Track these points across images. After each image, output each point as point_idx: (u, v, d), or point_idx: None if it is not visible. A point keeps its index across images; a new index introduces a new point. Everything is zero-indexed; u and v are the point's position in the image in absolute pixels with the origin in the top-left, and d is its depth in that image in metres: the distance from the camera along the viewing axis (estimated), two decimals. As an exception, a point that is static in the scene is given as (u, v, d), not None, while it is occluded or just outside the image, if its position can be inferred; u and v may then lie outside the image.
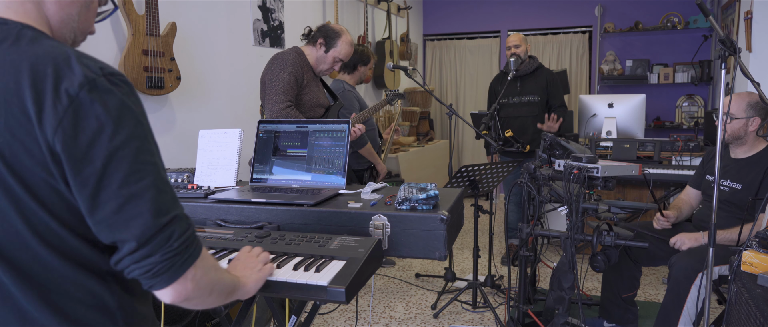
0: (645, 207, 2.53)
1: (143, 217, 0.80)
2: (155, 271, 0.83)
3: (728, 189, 2.48)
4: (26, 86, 0.75)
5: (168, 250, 0.82)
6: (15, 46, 0.79)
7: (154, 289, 0.86)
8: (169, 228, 0.83)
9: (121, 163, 0.78)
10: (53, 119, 0.75)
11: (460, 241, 4.53)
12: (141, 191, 0.80)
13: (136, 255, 0.81)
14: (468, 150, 6.93)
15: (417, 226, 1.51)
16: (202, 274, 0.89)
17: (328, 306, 3.06)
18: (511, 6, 6.54)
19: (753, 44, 3.72)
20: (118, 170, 0.78)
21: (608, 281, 2.73)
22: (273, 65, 2.61)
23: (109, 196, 0.78)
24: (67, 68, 0.77)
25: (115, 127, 0.78)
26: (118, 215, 0.79)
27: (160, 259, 0.82)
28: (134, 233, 0.80)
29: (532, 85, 3.89)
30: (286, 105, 2.51)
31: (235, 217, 1.68)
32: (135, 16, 2.58)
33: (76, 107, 0.76)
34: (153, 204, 0.81)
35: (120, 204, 0.79)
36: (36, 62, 0.77)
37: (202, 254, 0.90)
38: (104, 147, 0.77)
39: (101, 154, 0.77)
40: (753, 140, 2.48)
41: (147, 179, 0.81)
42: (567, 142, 2.24)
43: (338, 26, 2.77)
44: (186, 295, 0.87)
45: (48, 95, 0.75)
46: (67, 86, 0.76)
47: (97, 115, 0.77)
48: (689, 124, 5.79)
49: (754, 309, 1.53)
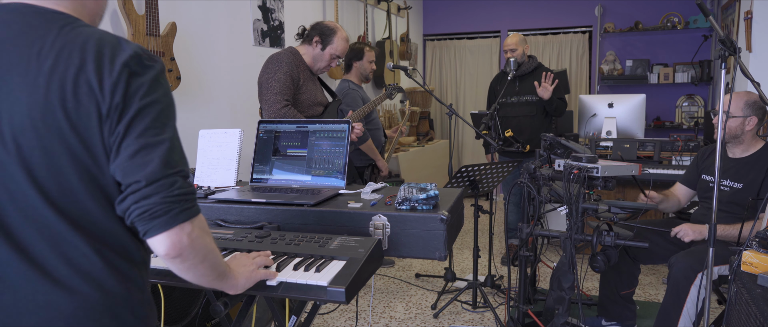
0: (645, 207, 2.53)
1: (153, 164, 0.89)
2: (153, 212, 0.89)
3: (729, 189, 2.48)
4: (90, 59, 0.89)
5: (168, 194, 0.90)
6: (76, 30, 0.92)
7: (149, 236, 0.91)
8: (173, 177, 0.91)
9: (145, 117, 0.90)
10: (110, 83, 0.89)
11: (460, 241, 4.53)
12: (156, 143, 0.91)
13: (137, 195, 0.89)
14: (468, 150, 6.93)
15: (417, 226, 1.51)
16: (198, 233, 0.95)
17: (328, 306, 3.06)
18: (511, 6, 6.54)
19: (753, 44, 3.72)
20: (141, 122, 0.90)
21: (607, 279, 2.73)
22: (268, 67, 2.62)
23: (129, 144, 0.89)
24: (118, 46, 0.92)
25: (148, 89, 0.92)
26: (131, 160, 0.89)
27: (159, 201, 0.89)
28: (142, 174, 0.89)
29: (531, 85, 3.87)
30: (283, 105, 2.52)
31: (235, 217, 1.68)
32: (135, 16, 2.58)
33: (125, 73, 0.90)
34: (164, 155, 0.91)
35: (135, 150, 0.89)
36: (96, 41, 0.91)
37: (200, 218, 0.96)
38: (137, 102, 0.90)
39: (134, 108, 0.90)
40: (750, 140, 2.47)
41: (164, 135, 0.92)
42: (567, 142, 2.24)
43: (332, 23, 2.77)
44: (180, 248, 0.92)
45: (106, 65, 0.89)
46: (121, 58, 0.91)
47: (138, 79, 0.91)
48: (689, 124, 5.79)
49: (754, 309, 1.53)
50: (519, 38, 3.90)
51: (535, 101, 3.87)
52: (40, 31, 0.91)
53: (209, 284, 1.05)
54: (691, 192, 2.73)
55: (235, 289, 1.15)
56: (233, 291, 1.15)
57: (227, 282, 1.10)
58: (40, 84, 0.88)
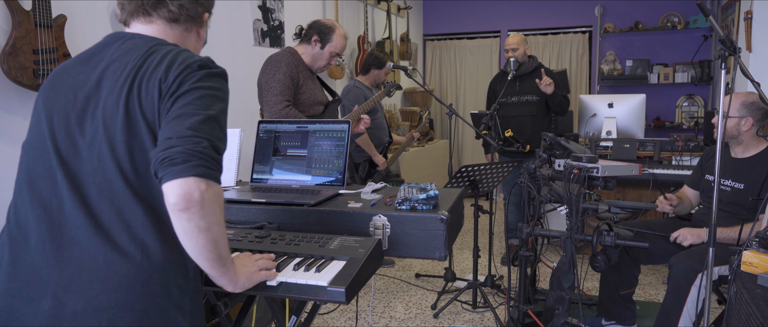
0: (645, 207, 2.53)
1: (186, 124, 1.01)
2: (172, 159, 0.97)
3: (730, 189, 2.48)
4: (165, 63, 1.08)
5: (191, 147, 0.98)
6: (163, 47, 1.14)
7: (164, 181, 0.98)
8: (201, 138, 1.01)
9: (192, 94, 1.05)
10: (173, 74, 1.07)
11: (460, 241, 4.53)
12: (195, 112, 1.03)
13: (164, 143, 0.99)
14: (468, 150, 6.93)
15: (417, 226, 1.51)
16: (210, 196, 1.00)
17: (328, 306, 3.06)
18: (511, 6, 6.54)
19: (753, 44, 3.72)
20: (188, 97, 1.05)
21: (607, 279, 2.73)
22: (267, 68, 2.62)
23: (174, 111, 1.04)
24: (190, 56, 1.11)
25: (201, 78, 1.08)
26: (170, 122, 1.02)
27: (181, 151, 0.98)
28: (174, 132, 1.00)
29: (531, 85, 3.87)
30: (284, 105, 2.51)
31: (235, 217, 1.68)
32: (135, 16, 2.58)
33: (186, 68, 1.08)
34: (199, 121, 1.02)
35: (177, 115, 1.03)
36: (176, 53, 1.12)
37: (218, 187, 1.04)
38: (189, 84, 1.06)
39: (184, 87, 1.06)
40: (751, 140, 2.47)
41: (205, 111, 1.04)
42: (567, 142, 2.24)
43: (330, 21, 2.77)
44: (190, 201, 0.97)
45: (175, 66, 1.08)
46: (188, 61, 1.09)
47: (196, 73, 1.08)
48: (689, 124, 5.79)
49: (754, 309, 1.53)
50: (520, 38, 3.90)
51: (536, 101, 3.87)
52: (139, 50, 1.13)
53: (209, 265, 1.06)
54: (694, 194, 2.74)
55: (233, 287, 1.15)
56: (232, 288, 1.15)
57: (227, 274, 1.11)
58: (126, 79, 1.08)
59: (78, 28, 2.44)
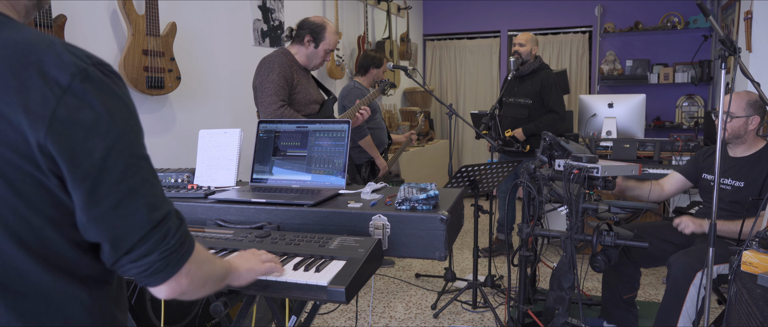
0: (645, 207, 2.53)
1: (139, 214, 0.78)
2: (153, 269, 0.82)
3: (730, 188, 2.48)
4: (8, 76, 0.70)
5: (165, 247, 0.82)
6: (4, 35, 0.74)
7: (149, 286, 0.85)
8: (164, 225, 0.82)
9: (120, 156, 0.76)
10: (44, 110, 0.71)
11: (460, 241, 4.53)
12: (137, 186, 0.78)
13: (132, 254, 0.80)
14: (468, 150, 6.93)
15: (417, 226, 1.51)
16: (196, 268, 0.88)
17: (328, 306, 3.06)
18: (511, 6, 6.54)
19: (753, 44, 3.72)
20: (116, 164, 0.76)
21: (608, 283, 2.73)
22: (261, 70, 2.63)
23: (108, 192, 0.76)
24: (54, 56, 0.73)
25: (110, 119, 0.75)
26: (115, 211, 0.77)
27: (158, 258, 0.81)
28: (131, 230, 0.78)
29: (526, 88, 3.88)
30: (279, 105, 2.52)
31: (235, 217, 1.68)
32: (135, 16, 2.58)
33: (69, 98, 0.72)
34: (148, 200, 0.80)
35: (118, 199, 0.77)
36: (16, 50, 0.72)
37: (196, 248, 0.89)
38: (101, 139, 0.74)
39: (99, 147, 0.74)
40: (752, 139, 2.48)
41: (142, 173, 0.80)
42: (567, 143, 2.24)
43: (319, 18, 2.79)
44: (181, 290, 0.87)
45: (35, 85, 0.71)
46: (56, 75, 0.72)
47: (92, 106, 0.74)
48: (689, 124, 5.79)
49: (754, 309, 1.53)
50: (529, 36, 3.87)
51: (530, 104, 3.88)
52: None
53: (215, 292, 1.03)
54: (682, 184, 2.68)
55: (239, 281, 1.14)
56: (237, 282, 1.14)
57: (230, 278, 1.09)
58: None
59: (78, 28, 2.44)
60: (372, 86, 3.80)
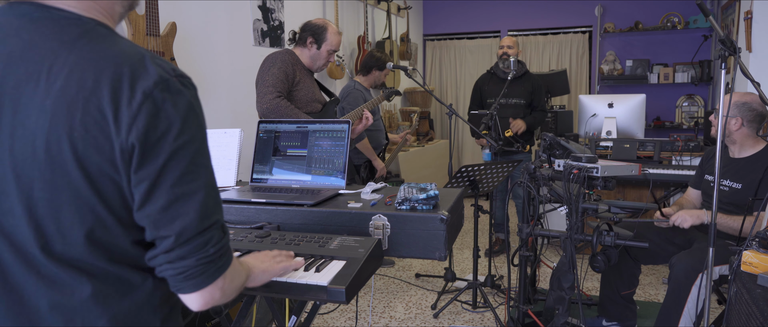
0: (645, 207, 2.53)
1: (189, 217, 0.82)
2: (188, 274, 0.84)
3: (728, 189, 2.48)
4: (105, 85, 0.77)
5: (203, 255, 0.84)
6: (91, 44, 0.80)
7: (182, 292, 0.87)
8: (208, 232, 0.85)
9: (181, 161, 0.81)
10: (128, 116, 0.77)
11: (460, 241, 4.53)
12: (192, 192, 0.82)
13: (171, 254, 0.83)
14: (468, 150, 6.93)
15: (417, 226, 1.51)
16: (229, 282, 0.91)
17: (328, 306, 3.06)
18: (511, 6, 6.54)
19: (753, 44, 3.72)
20: (176, 168, 0.81)
21: (607, 279, 2.73)
22: (263, 66, 2.68)
23: (162, 193, 0.80)
24: (142, 68, 0.79)
25: (181, 127, 0.81)
26: (165, 212, 0.81)
27: (194, 264, 0.84)
28: (175, 230, 0.82)
29: (519, 89, 3.99)
30: (275, 96, 2.54)
31: (235, 217, 1.68)
32: (135, 16, 2.58)
33: (149, 104, 0.78)
34: (200, 205, 0.83)
35: (170, 201, 0.81)
36: (114, 62, 0.79)
37: (233, 263, 0.91)
38: (169, 144, 0.79)
39: (165, 151, 0.79)
40: (746, 139, 2.47)
41: (199, 181, 0.83)
42: (567, 142, 2.24)
43: (321, 20, 2.81)
44: (213, 301, 0.89)
45: (124, 93, 0.77)
46: (142, 85, 0.78)
47: (168, 114, 0.79)
48: (689, 124, 5.79)
49: (754, 309, 1.53)
50: (514, 40, 4.11)
51: (523, 104, 4.01)
52: (52, 42, 0.79)
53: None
54: (697, 195, 2.75)
55: (253, 283, 1.14)
56: (252, 285, 1.14)
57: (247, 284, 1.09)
58: (47, 108, 0.76)
59: (78, 28, 2.44)
60: (375, 88, 3.82)
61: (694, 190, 2.76)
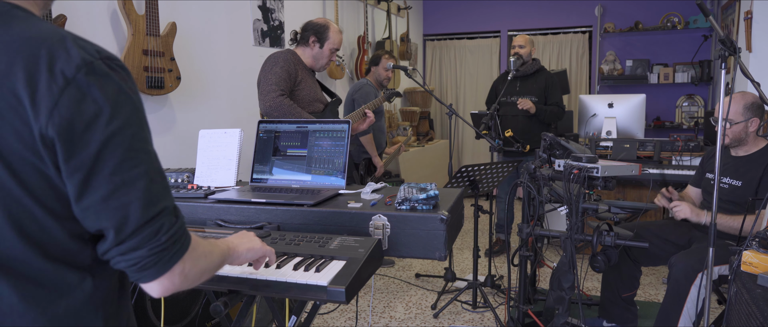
0: (645, 207, 2.53)
1: (133, 206, 0.78)
2: (142, 265, 0.81)
3: (728, 186, 2.49)
4: (19, 68, 0.73)
5: (155, 244, 0.80)
6: (5, 27, 0.76)
7: (140, 282, 0.84)
8: (157, 221, 0.81)
9: (117, 149, 0.76)
10: (48, 101, 0.73)
11: (460, 241, 4.53)
12: (133, 179, 0.78)
13: (122, 247, 0.79)
14: (468, 150, 6.93)
15: (417, 226, 1.51)
16: (191, 266, 0.86)
17: (328, 306, 3.06)
18: (511, 6, 6.54)
19: (753, 44, 3.72)
20: (112, 156, 0.76)
21: (608, 281, 2.73)
22: (265, 65, 2.68)
23: (100, 182, 0.76)
24: (62, 50, 0.75)
25: (112, 112, 0.76)
26: (106, 202, 0.77)
27: (147, 254, 0.80)
28: (121, 222, 0.78)
29: (531, 87, 3.96)
30: (278, 94, 2.54)
31: (235, 217, 1.68)
32: (135, 16, 2.58)
33: (72, 90, 0.74)
34: (144, 193, 0.79)
35: (110, 190, 0.77)
36: (29, 44, 0.74)
37: (192, 245, 0.87)
38: (100, 132, 0.75)
39: (97, 139, 0.75)
40: (753, 140, 2.49)
41: (140, 167, 0.79)
42: (567, 142, 2.24)
43: (323, 19, 2.82)
44: (174, 288, 0.85)
45: (42, 77, 0.73)
46: (62, 68, 0.74)
47: (95, 99, 0.75)
48: (689, 124, 5.79)
49: (754, 309, 1.53)
50: (528, 38, 4.03)
51: (535, 102, 3.94)
52: None
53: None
54: (697, 194, 2.75)
55: (238, 261, 1.10)
56: (237, 262, 1.10)
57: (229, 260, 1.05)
58: None
59: (78, 28, 2.44)
60: (380, 85, 3.84)
61: (693, 189, 2.76)
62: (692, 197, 2.75)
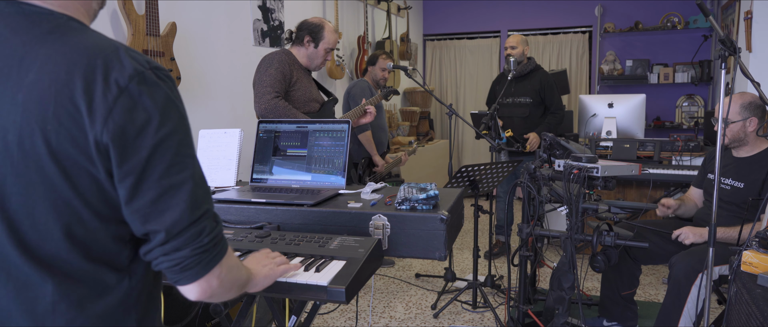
0: (645, 207, 2.53)
1: (179, 208, 0.82)
2: (184, 265, 0.85)
3: (730, 188, 2.48)
4: (77, 77, 0.76)
5: (198, 245, 0.84)
6: (64, 38, 0.79)
7: (179, 284, 0.87)
8: (201, 222, 0.85)
9: (165, 154, 0.81)
10: (103, 109, 0.77)
11: (460, 241, 4.53)
12: (180, 183, 0.82)
13: (166, 247, 0.83)
14: (468, 150, 6.93)
15: (417, 226, 1.51)
16: (227, 272, 0.91)
17: (328, 306, 3.06)
18: (511, 6, 6.54)
19: (753, 44, 3.72)
20: (161, 161, 0.80)
21: (608, 279, 2.73)
22: (260, 66, 2.68)
23: (150, 186, 0.80)
24: (116, 61, 0.79)
25: (161, 119, 0.80)
26: (155, 205, 0.81)
27: (190, 254, 0.84)
28: (167, 223, 0.82)
29: (526, 87, 3.97)
30: (273, 96, 2.55)
31: (235, 217, 1.68)
32: (135, 16, 2.58)
33: (125, 98, 0.78)
34: (189, 196, 0.83)
35: (159, 194, 0.81)
36: (87, 54, 0.78)
37: (228, 252, 0.91)
38: (151, 138, 0.79)
39: (148, 145, 0.79)
40: (754, 140, 2.48)
41: (186, 172, 0.83)
42: (567, 142, 2.24)
43: (318, 19, 2.82)
44: (211, 292, 0.89)
45: (98, 86, 0.77)
46: (117, 77, 0.78)
47: (145, 107, 0.79)
48: (689, 124, 5.79)
49: (754, 309, 1.53)
50: (520, 38, 4.01)
51: (529, 103, 3.98)
52: (23, 36, 0.79)
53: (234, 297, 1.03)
54: (699, 194, 2.75)
55: (256, 288, 1.13)
56: (254, 289, 1.13)
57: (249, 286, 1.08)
58: (19, 101, 0.76)
59: (78, 28, 2.44)
60: (376, 84, 3.83)
61: (696, 189, 2.76)
62: (694, 198, 2.75)
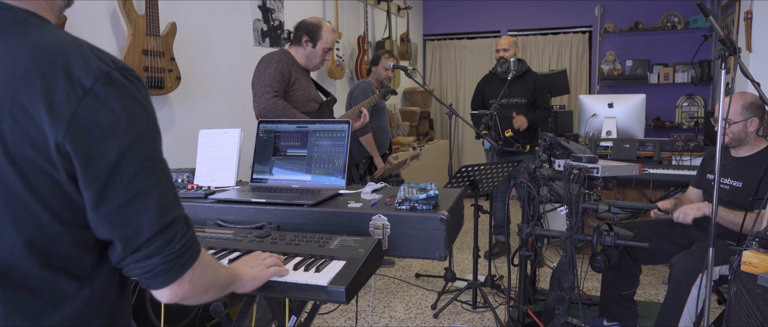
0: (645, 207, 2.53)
1: (148, 215, 0.79)
2: (156, 272, 0.83)
3: (729, 187, 2.48)
4: (36, 75, 0.73)
5: (169, 251, 0.83)
6: (23, 34, 0.76)
7: (151, 289, 0.86)
8: (171, 229, 0.83)
9: (134, 158, 0.78)
10: (66, 111, 0.73)
11: (460, 241, 4.53)
12: (149, 188, 0.80)
13: (137, 254, 0.81)
14: (468, 150, 6.93)
15: (417, 226, 1.51)
16: (199, 274, 0.89)
17: (328, 306, 3.06)
18: (511, 6, 6.54)
19: (753, 44, 3.72)
20: (130, 166, 0.77)
21: (608, 279, 2.73)
22: (259, 66, 2.69)
23: (118, 191, 0.77)
24: (80, 59, 0.75)
25: (129, 122, 0.77)
26: (123, 210, 0.78)
27: (161, 261, 0.82)
28: (136, 229, 0.79)
29: (520, 88, 4.01)
30: (272, 96, 2.55)
31: (235, 217, 1.68)
32: (135, 16, 2.58)
33: (90, 100, 0.74)
34: (158, 202, 0.80)
35: (127, 199, 0.78)
36: (47, 51, 0.75)
37: (201, 255, 0.90)
38: (118, 141, 0.76)
39: (115, 149, 0.76)
40: (754, 140, 2.48)
41: (154, 176, 0.80)
42: (567, 142, 2.24)
43: (316, 19, 2.83)
44: (183, 295, 0.88)
45: (60, 86, 0.73)
46: (80, 77, 0.74)
47: (112, 109, 0.76)
48: (689, 124, 5.79)
49: (754, 309, 1.53)
50: (511, 40, 4.09)
51: (524, 103, 4.02)
52: None
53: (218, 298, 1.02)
54: (699, 194, 2.74)
55: (243, 289, 1.14)
56: (241, 290, 1.14)
57: (234, 286, 1.09)
58: None
59: (78, 28, 2.44)
60: (381, 84, 3.83)
61: (694, 190, 2.76)
62: (693, 199, 2.75)
